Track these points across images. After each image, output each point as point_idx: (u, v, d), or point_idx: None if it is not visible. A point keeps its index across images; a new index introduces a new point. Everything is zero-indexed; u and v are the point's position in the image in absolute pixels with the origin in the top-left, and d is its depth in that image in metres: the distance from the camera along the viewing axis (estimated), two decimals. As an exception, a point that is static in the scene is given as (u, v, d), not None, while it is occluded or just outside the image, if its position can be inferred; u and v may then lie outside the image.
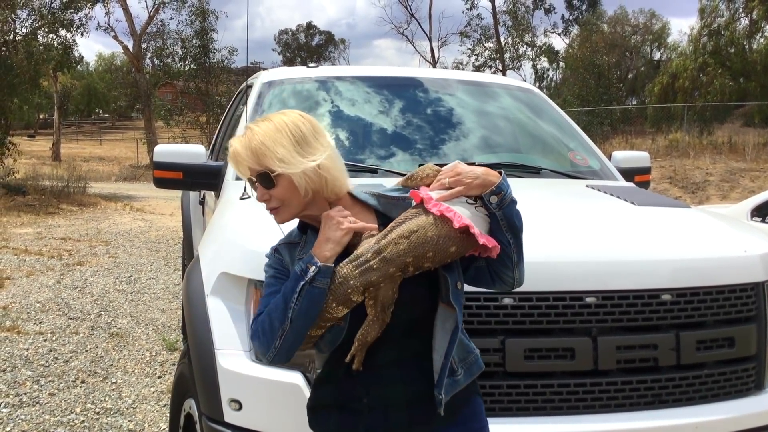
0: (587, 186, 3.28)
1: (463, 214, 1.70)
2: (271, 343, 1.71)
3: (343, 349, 1.76)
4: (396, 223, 1.73)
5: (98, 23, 30.28)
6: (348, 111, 3.84)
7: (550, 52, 43.68)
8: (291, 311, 1.67)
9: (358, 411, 1.79)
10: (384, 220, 1.81)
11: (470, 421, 1.87)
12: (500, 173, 1.75)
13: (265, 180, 1.75)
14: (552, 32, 46.13)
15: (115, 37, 32.69)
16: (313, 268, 1.67)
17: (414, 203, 1.76)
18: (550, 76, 45.06)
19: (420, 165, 3.39)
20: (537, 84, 41.40)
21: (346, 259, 1.71)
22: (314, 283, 1.67)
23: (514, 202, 1.74)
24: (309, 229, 1.85)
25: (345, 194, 1.83)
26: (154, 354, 5.47)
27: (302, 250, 1.81)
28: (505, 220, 1.73)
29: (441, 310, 1.77)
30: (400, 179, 1.91)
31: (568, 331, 2.24)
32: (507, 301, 2.21)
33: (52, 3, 20.77)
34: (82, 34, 21.66)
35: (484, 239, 1.69)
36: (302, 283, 1.67)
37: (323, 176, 1.77)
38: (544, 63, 44.93)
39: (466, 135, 3.79)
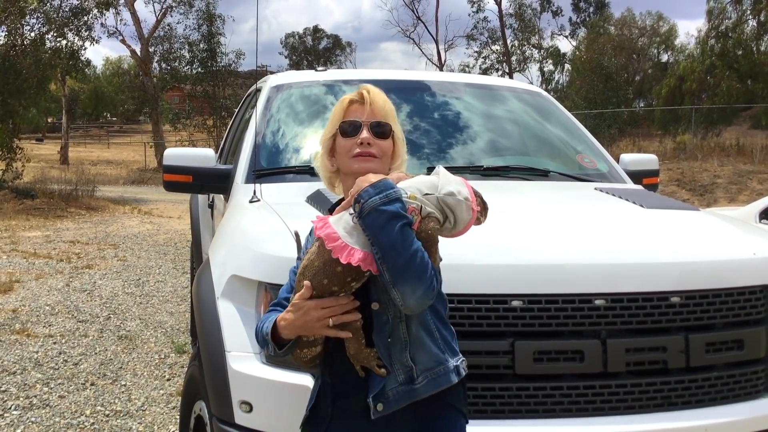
0: (596, 189, 3.28)
1: (339, 226, 1.73)
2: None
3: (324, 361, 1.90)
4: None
5: (107, 30, 30.12)
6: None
7: (557, 55, 43.61)
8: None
9: (323, 420, 1.87)
10: None
11: None
12: (384, 179, 1.74)
13: (383, 129, 1.93)
14: (559, 35, 46.12)
15: (123, 41, 32.83)
16: (271, 346, 1.86)
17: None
18: (557, 78, 45.00)
19: (428, 168, 3.42)
20: (544, 87, 41.33)
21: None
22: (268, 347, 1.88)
23: (379, 212, 1.68)
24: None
25: None
26: (163, 357, 5.49)
27: None
28: (368, 231, 1.69)
29: (374, 312, 1.80)
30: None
31: (577, 333, 2.24)
32: (516, 303, 2.21)
33: (60, 8, 20.88)
34: (92, 41, 21.75)
35: (342, 254, 1.69)
36: (265, 348, 1.91)
37: (404, 166, 1.99)
38: (551, 66, 44.89)
39: (474, 138, 3.80)
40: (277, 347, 1.85)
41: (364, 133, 1.91)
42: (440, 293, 1.84)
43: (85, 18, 21.49)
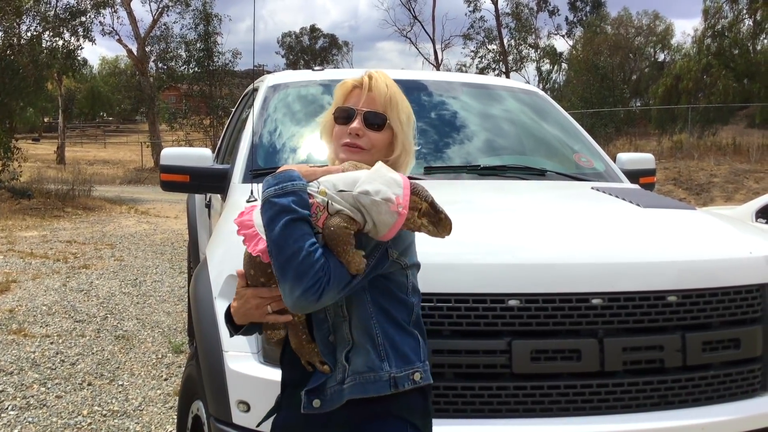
0: (592, 188, 3.29)
1: (258, 215, 1.73)
2: None
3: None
4: None
5: (103, 29, 30.02)
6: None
7: (553, 54, 43.64)
8: None
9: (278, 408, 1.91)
10: None
11: None
12: (287, 170, 1.71)
13: (376, 120, 1.86)
14: (556, 34, 46.17)
15: (120, 41, 32.78)
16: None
17: None
18: (554, 78, 45.06)
19: (425, 167, 3.41)
20: (541, 86, 41.37)
21: None
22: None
23: (270, 203, 1.65)
24: None
25: None
26: (160, 356, 5.49)
27: None
28: (263, 221, 1.68)
29: None
30: None
31: (574, 332, 2.25)
32: (513, 302, 2.22)
33: (56, 7, 20.85)
34: (89, 41, 21.71)
35: (249, 241, 1.72)
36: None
37: (408, 159, 1.93)
38: (547, 65, 44.95)
39: (470, 137, 3.80)
40: (233, 329, 1.86)
41: (355, 123, 1.85)
42: (396, 296, 1.77)
43: (82, 18, 21.45)
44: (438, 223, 1.70)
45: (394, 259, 1.75)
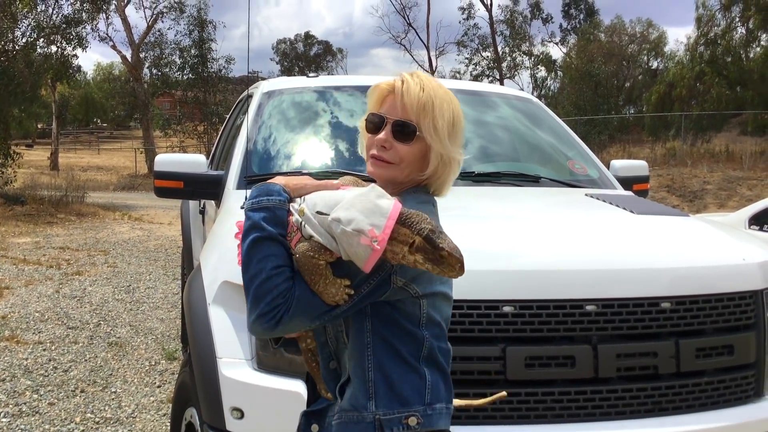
0: (586, 195, 3.29)
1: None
2: None
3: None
4: None
5: (98, 35, 29.97)
6: (348, 120, 3.85)
7: (548, 62, 43.77)
8: None
9: None
10: None
11: None
12: (269, 184, 1.62)
13: (404, 131, 1.64)
14: (549, 41, 46.32)
15: (114, 47, 32.68)
16: None
17: None
18: (549, 85, 45.18)
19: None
20: (535, 93, 41.49)
21: None
22: None
23: (246, 216, 1.58)
24: None
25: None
26: (153, 363, 5.47)
27: None
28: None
29: (315, 331, 1.75)
30: None
31: (568, 339, 2.25)
32: (507, 309, 2.22)
33: (52, 15, 20.83)
34: (83, 48, 21.69)
35: (239, 248, 1.61)
36: None
37: (449, 171, 1.70)
38: (542, 72, 45.08)
39: (465, 143, 3.80)
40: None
41: (382, 133, 1.65)
42: (402, 327, 1.58)
43: (77, 29, 21.41)
44: (439, 261, 1.47)
45: (399, 287, 1.55)
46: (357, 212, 1.45)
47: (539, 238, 2.53)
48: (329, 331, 1.66)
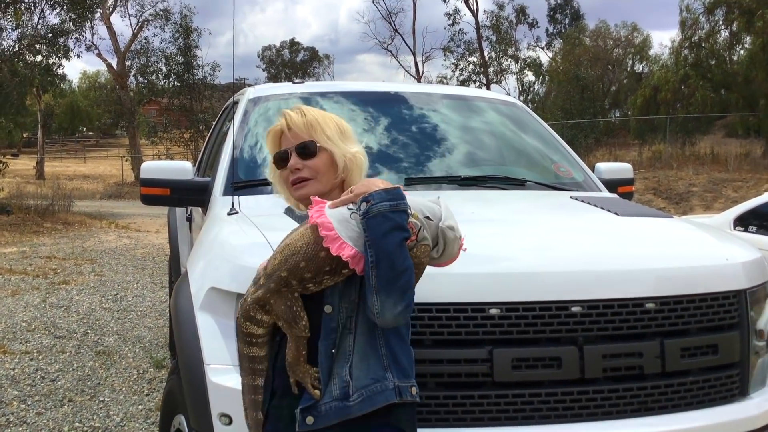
0: (571, 197, 3.31)
1: (335, 218, 1.71)
2: None
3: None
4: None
5: (84, 43, 29.84)
6: (334, 126, 3.85)
7: (536, 65, 43.90)
8: None
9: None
10: None
11: None
12: (397, 188, 1.74)
13: (307, 149, 1.91)
14: (535, 46, 46.49)
15: (99, 55, 32.62)
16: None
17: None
18: (536, 89, 45.30)
19: (406, 179, 3.43)
20: (522, 98, 41.61)
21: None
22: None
23: (386, 219, 1.68)
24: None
25: None
26: (141, 372, 5.45)
27: None
28: (368, 232, 1.68)
29: (324, 317, 1.79)
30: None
31: (554, 340, 2.26)
32: (494, 311, 2.23)
33: (38, 25, 20.73)
34: (68, 59, 21.58)
35: (334, 245, 1.68)
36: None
37: (356, 165, 1.94)
38: (528, 77, 45.21)
39: (450, 149, 3.82)
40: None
41: (291, 161, 1.92)
42: None
43: (64, 39, 21.30)
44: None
45: None
46: (455, 221, 1.80)
47: (525, 241, 2.55)
48: (341, 317, 1.77)
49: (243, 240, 2.57)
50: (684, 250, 2.64)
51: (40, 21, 21.09)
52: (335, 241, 1.68)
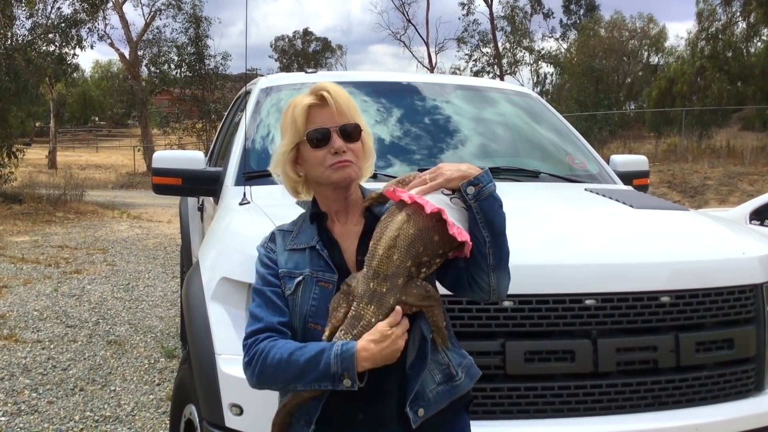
0: (586, 189, 3.28)
1: (441, 204, 1.68)
2: (270, 385, 1.74)
3: None
4: (376, 236, 1.71)
5: (97, 33, 29.90)
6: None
7: (553, 57, 43.60)
8: (303, 387, 1.67)
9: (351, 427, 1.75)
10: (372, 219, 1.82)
11: None
12: (487, 169, 1.72)
13: (353, 132, 1.80)
14: (550, 37, 46.20)
15: (112, 45, 32.66)
16: (348, 382, 1.61)
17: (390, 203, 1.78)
18: (552, 81, 45.06)
19: (419, 169, 3.40)
20: (537, 89, 41.41)
21: (355, 306, 1.67)
22: (342, 382, 1.63)
23: (495, 198, 1.69)
24: (308, 219, 1.86)
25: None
26: (152, 361, 5.46)
27: (294, 239, 1.84)
28: (482, 214, 1.67)
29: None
30: (387, 184, 1.89)
31: (568, 333, 2.25)
32: (507, 304, 2.21)
33: (50, 15, 20.80)
34: (82, 48, 21.63)
35: (455, 229, 1.64)
36: (327, 384, 1.63)
37: (373, 156, 1.88)
38: (543, 68, 44.97)
39: (463, 140, 3.80)
40: (360, 377, 1.63)
41: (338, 142, 1.77)
42: None
43: (77, 29, 21.34)
44: None
45: None
46: None
47: (538, 233, 2.52)
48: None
49: (254, 230, 2.55)
50: (700, 244, 2.62)
51: (53, 11, 21.19)
52: (453, 226, 1.65)
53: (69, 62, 21.50)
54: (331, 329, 1.69)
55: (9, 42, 18.17)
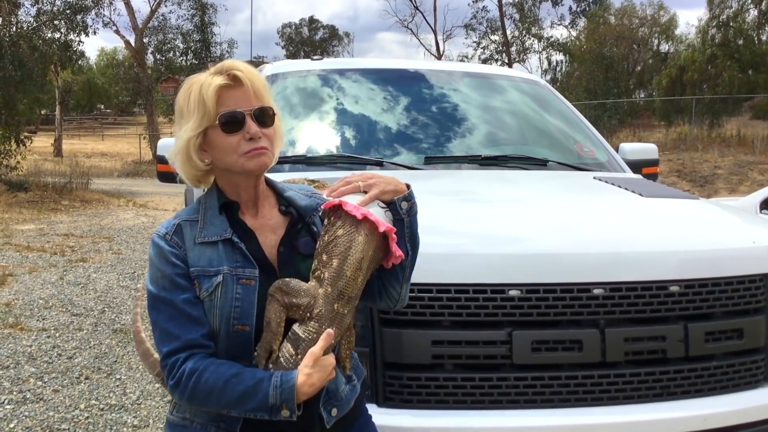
0: (594, 178, 3.25)
1: (383, 218, 1.66)
2: (200, 407, 1.63)
3: None
4: (338, 254, 1.62)
5: (102, 20, 29.83)
6: (352, 103, 3.81)
7: (563, 45, 43.30)
8: (238, 413, 1.57)
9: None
10: (284, 206, 1.76)
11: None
12: (406, 184, 1.72)
13: (266, 116, 1.66)
14: (559, 24, 45.91)
15: (117, 32, 32.60)
16: (287, 413, 1.52)
17: (323, 210, 1.71)
18: (562, 69, 44.76)
19: (426, 158, 3.38)
20: (547, 77, 41.17)
21: (314, 327, 1.59)
22: (280, 413, 1.53)
23: (416, 214, 1.71)
24: (215, 208, 1.70)
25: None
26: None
27: (202, 230, 1.66)
28: (410, 229, 1.69)
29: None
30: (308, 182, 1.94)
31: (575, 322, 2.22)
32: (514, 293, 2.18)
33: (55, 2, 20.76)
34: (87, 34, 21.60)
35: (394, 246, 1.65)
36: (264, 414, 1.54)
37: (283, 137, 1.78)
38: (553, 56, 44.70)
39: (471, 128, 3.76)
40: (298, 408, 1.55)
41: (253, 127, 1.63)
42: None
43: (82, 16, 21.31)
44: None
45: None
46: None
47: (546, 222, 2.50)
48: None
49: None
50: (710, 233, 2.59)
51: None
52: (393, 243, 1.66)
53: (75, 49, 21.47)
54: (266, 348, 1.59)
55: (14, 29, 18.14)
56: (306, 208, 1.77)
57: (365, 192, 1.67)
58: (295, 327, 1.60)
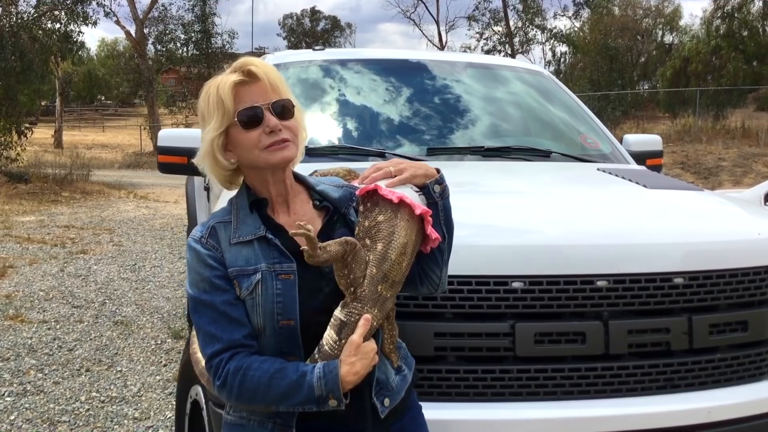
0: (598, 169, 3.23)
1: (419, 201, 1.69)
2: (249, 405, 1.63)
3: None
4: (383, 237, 1.64)
5: (103, 10, 29.68)
6: (355, 94, 3.79)
7: (565, 35, 43.13)
8: (286, 408, 1.59)
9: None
10: (318, 200, 1.77)
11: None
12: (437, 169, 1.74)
13: (286, 108, 1.67)
14: (562, 15, 45.71)
15: (118, 22, 32.46)
16: (334, 402, 1.54)
17: (357, 194, 1.74)
18: (566, 60, 44.60)
19: (428, 149, 3.35)
20: (550, 68, 41.02)
21: (357, 308, 1.60)
22: (327, 403, 1.55)
23: (449, 197, 1.74)
24: (246, 208, 1.70)
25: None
26: (159, 342, 5.45)
27: (236, 231, 1.67)
28: (444, 212, 1.71)
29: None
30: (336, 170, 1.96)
31: (578, 315, 2.20)
32: (517, 285, 2.17)
33: None
34: (87, 24, 21.52)
35: (430, 229, 1.68)
36: (312, 406, 1.56)
37: (306, 130, 1.78)
38: (557, 47, 44.51)
39: (474, 119, 3.74)
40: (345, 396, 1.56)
41: (272, 120, 1.63)
42: None
43: (81, 6, 21.23)
44: None
45: None
46: None
47: (549, 213, 2.48)
48: None
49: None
50: (714, 224, 2.57)
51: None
52: (429, 226, 1.68)
53: (75, 40, 21.40)
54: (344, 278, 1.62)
55: (14, 19, 18.08)
56: (340, 200, 1.77)
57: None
58: (337, 312, 1.61)
